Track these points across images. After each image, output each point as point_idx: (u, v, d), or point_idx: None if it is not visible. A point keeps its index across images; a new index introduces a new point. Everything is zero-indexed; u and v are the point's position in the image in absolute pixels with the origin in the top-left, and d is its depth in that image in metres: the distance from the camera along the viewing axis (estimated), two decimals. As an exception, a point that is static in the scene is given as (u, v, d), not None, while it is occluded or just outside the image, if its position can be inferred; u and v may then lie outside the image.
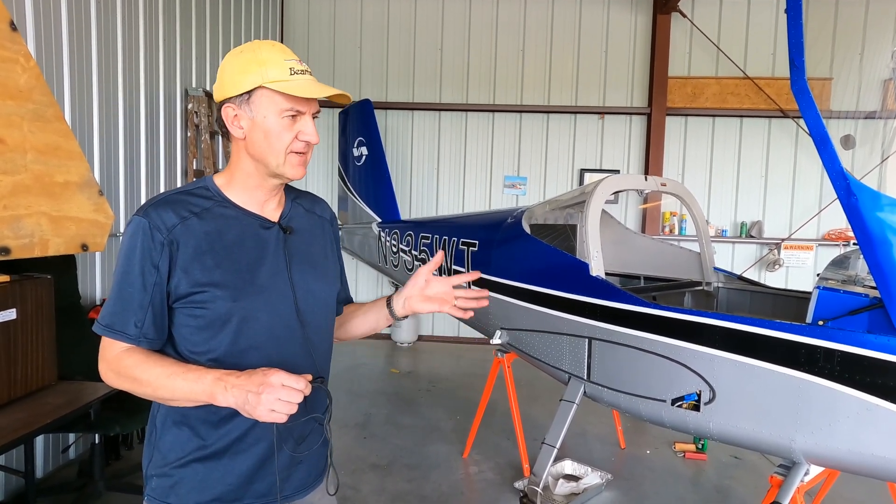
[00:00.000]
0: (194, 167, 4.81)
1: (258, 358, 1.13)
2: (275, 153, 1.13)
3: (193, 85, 4.91)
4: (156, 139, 4.40)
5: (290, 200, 1.30)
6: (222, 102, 1.16)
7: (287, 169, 1.15)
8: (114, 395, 2.68)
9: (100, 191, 2.65)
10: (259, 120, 1.12)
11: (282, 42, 6.84)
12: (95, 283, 3.68)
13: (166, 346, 1.16)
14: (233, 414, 1.13)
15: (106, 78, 3.73)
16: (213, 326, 1.12)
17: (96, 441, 2.88)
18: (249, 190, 1.20)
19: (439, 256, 1.32)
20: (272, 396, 0.97)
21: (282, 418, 0.98)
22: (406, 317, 1.36)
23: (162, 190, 4.45)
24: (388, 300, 1.36)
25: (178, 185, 4.72)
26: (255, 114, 1.12)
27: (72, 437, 3.39)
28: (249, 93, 1.11)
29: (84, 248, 2.56)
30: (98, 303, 3.65)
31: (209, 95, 4.98)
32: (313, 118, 1.16)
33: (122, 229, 3.92)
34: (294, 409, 0.99)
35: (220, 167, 5.24)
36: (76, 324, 3.16)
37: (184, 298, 1.11)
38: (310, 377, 1.03)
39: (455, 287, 1.30)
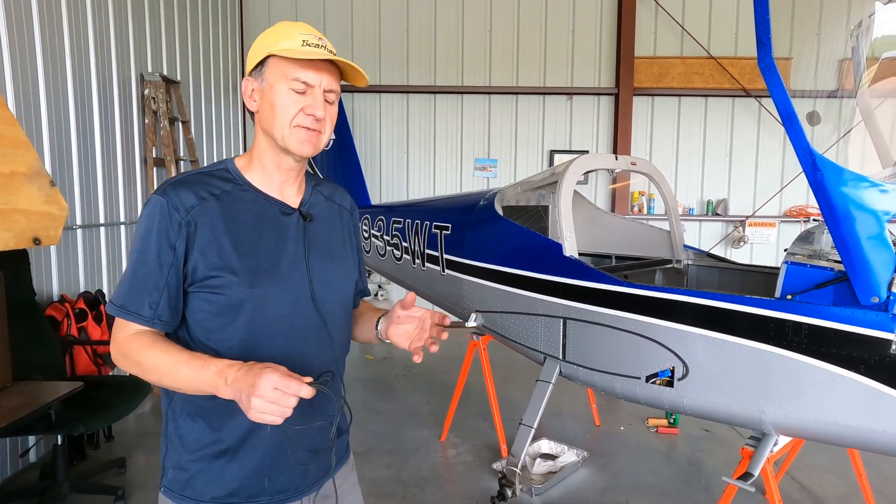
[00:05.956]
0: (154, 155, 4.62)
1: (274, 348, 1.11)
2: (280, 125, 1.11)
3: (149, 69, 4.69)
4: (111, 127, 4.19)
5: (311, 187, 1.27)
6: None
7: (291, 142, 1.11)
8: (78, 392, 2.58)
9: (51, 181, 2.50)
10: (267, 90, 1.11)
11: (241, 24, 6.61)
12: (52, 278, 3.51)
13: (180, 329, 1.13)
14: None
15: (52, 62, 3.52)
16: (229, 313, 1.09)
17: (58, 442, 2.76)
18: (267, 171, 1.17)
19: (411, 298, 1.20)
20: (262, 401, 0.90)
21: (275, 421, 0.91)
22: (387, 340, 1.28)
23: (120, 180, 4.28)
24: (379, 318, 1.30)
25: (138, 174, 4.53)
26: (265, 84, 1.12)
27: (31, 439, 3.25)
28: (262, 63, 1.12)
29: (36, 241, 2.42)
30: (56, 298, 3.49)
31: (167, 80, 4.77)
32: (328, 101, 1.13)
33: (77, 221, 3.75)
34: (287, 413, 0.91)
35: (182, 154, 5.05)
36: (32, 321, 3.02)
37: (199, 282, 1.08)
38: (310, 379, 0.94)
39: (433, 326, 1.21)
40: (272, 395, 0.90)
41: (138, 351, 1.05)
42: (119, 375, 3.60)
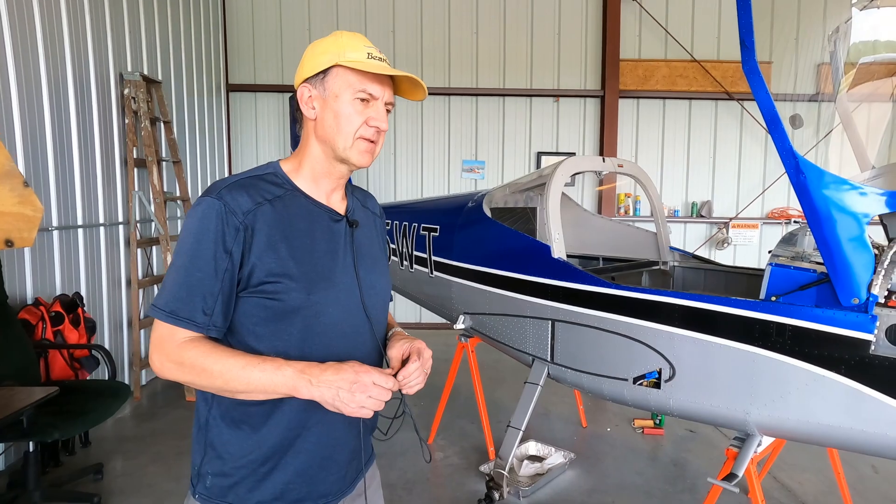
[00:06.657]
0: (134, 156, 4.53)
1: (326, 353, 1.11)
2: (343, 136, 1.12)
3: (129, 69, 4.60)
4: (89, 127, 4.10)
5: (349, 193, 1.29)
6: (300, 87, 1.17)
7: (353, 154, 1.14)
8: (53, 397, 2.50)
9: (25, 182, 2.43)
10: (331, 100, 1.12)
11: (224, 24, 6.53)
12: (25, 280, 3.42)
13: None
14: (291, 410, 1.12)
15: (24, 60, 3.43)
16: (284, 319, 1.09)
17: (30, 449, 2.69)
18: (317, 178, 1.18)
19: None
20: (364, 395, 1.00)
21: (369, 414, 1.02)
22: None
23: (99, 182, 4.19)
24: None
25: (118, 174, 4.44)
26: (328, 93, 1.12)
27: (1, 446, 3.15)
28: (325, 72, 1.12)
29: (9, 244, 2.35)
30: (29, 301, 3.40)
31: (147, 80, 4.69)
32: (387, 110, 1.16)
33: (53, 223, 3.66)
34: (382, 407, 1.04)
35: (164, 155, 4.96)
36: (4, 325, 2.93)
37: (254, 287, 1.08)
38: (393, 372, 1.08)
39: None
40: (374, 391, 1.01)
41: (202, 357, 1.03)
42: (97, 380, 3.51)
